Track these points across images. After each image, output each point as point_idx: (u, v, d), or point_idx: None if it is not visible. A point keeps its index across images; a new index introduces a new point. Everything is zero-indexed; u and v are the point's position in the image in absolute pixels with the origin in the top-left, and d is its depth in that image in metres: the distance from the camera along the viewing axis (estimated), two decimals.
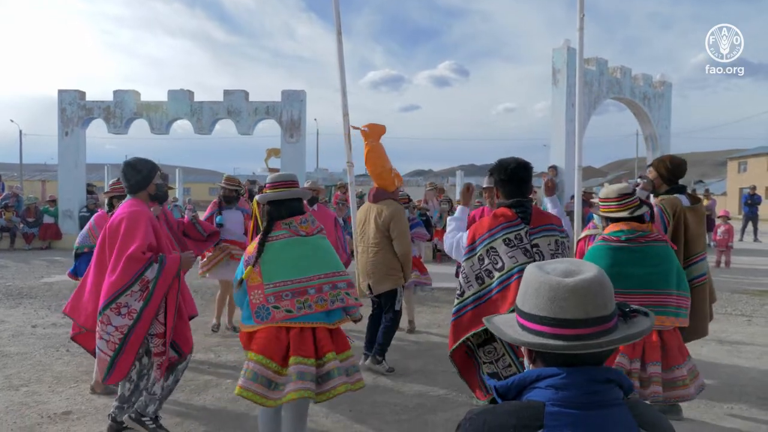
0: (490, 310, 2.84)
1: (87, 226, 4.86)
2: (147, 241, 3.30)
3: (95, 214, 4.93)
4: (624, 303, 1.24)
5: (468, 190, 3.59)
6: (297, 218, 2.98)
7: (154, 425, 3.45)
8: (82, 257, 4.72)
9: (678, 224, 3.97)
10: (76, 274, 4.74)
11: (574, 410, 1.08)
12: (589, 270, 1.18)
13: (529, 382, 1.15)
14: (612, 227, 3.40)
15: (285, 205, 3.00)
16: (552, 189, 3.87)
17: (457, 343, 2.97)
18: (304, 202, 3.36)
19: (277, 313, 2.83)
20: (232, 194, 6.18)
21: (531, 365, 1.22)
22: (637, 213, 3.38)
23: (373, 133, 4.84)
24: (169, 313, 3.36)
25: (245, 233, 6.03)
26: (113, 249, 3.34)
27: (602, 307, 1.15)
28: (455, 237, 3.21)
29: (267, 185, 3.10)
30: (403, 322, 6.28)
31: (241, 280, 2.91)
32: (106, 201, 4.80)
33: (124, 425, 3.50)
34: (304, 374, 2.75)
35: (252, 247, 2.96)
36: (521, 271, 2.77)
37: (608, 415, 1.09)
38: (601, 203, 3.52)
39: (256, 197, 3.35)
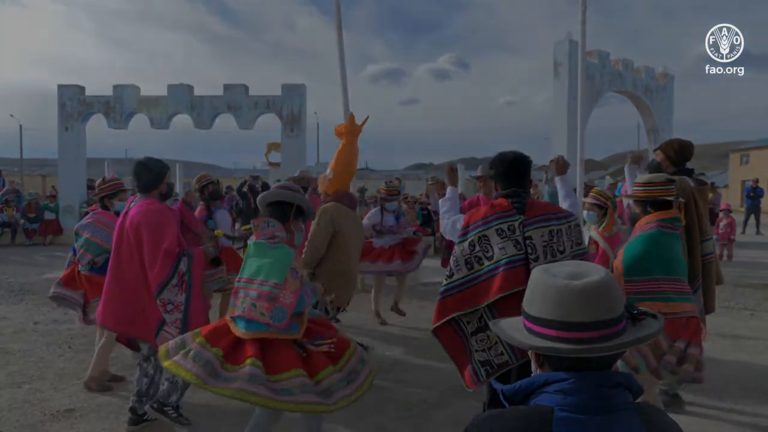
0: (475, 295, 2.87)
1: (94, 221, 4.39)
2: (177, 236, 3.35)
3: (95, 211, 4.49)
4: (632, 305, 1.22)
5: (452, 170, 3.72)
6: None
7: (175, 414, 3.53)
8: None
9: (690, 204, 3.96)
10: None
11: (583, 415, 1.06)
12: (596, 272, 1.16)
13: (537, 386, 1.13)
14: (661, 214, 3.32)
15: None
16: (563, 167, 3.56)
17: (440, 323, 3.00)
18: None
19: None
20: (217, 188, 5.96)
21: (538, 369, 1.20)
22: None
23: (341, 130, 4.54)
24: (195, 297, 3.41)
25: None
26: (140, 246, 3.33)
27: (610, 309, 1.13)
28: (451, 218, 3.28)
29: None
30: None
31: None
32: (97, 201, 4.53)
33: (144, 417, 3.56)
34: (253, 376, 2.54)
35: None
36: (509, 262, 2.79)
37: (617, 419, 1.08)
38: (649, 187, 3.39)
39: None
